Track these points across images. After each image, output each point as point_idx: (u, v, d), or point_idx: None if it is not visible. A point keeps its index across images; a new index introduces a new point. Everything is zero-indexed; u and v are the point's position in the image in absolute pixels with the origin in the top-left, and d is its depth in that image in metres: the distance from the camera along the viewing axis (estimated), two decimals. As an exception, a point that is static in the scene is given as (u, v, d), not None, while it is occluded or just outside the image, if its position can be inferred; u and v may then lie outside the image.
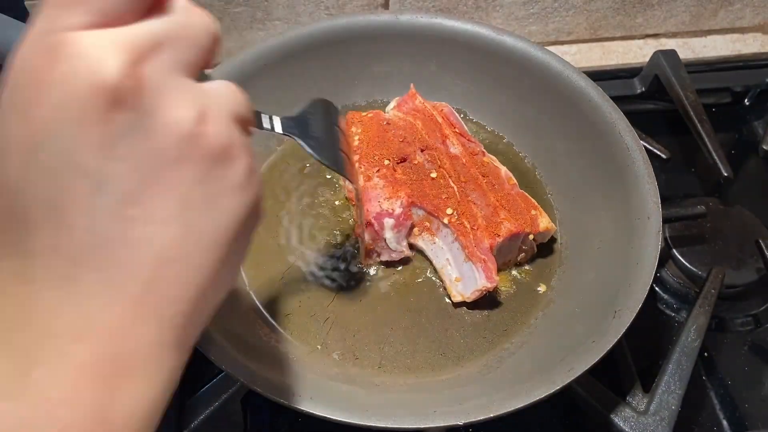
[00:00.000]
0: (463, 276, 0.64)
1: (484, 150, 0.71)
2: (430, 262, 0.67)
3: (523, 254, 0.67)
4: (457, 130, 0.71)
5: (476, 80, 0.77)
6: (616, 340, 0.53)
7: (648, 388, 0.62)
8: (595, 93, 0.69)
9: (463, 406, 0.51)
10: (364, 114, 0.72)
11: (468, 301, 0.63)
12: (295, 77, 0.75)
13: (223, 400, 0.59)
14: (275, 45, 0.72)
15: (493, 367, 0.60)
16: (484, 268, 0.61)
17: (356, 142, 0.68)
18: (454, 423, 0.50)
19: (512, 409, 0.50)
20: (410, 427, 0.49)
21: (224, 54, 0.92)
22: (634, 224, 0.61)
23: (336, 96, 0.77)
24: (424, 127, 0.70)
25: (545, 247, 0.68)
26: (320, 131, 0.50)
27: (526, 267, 0.68)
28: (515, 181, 0.69)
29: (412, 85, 0.75)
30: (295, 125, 0.47)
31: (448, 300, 0.65)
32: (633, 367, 0.63)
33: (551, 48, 0.97)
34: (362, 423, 0.49)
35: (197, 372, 0.62)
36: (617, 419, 0.59)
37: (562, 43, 0.98)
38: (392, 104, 0.75)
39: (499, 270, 0.65)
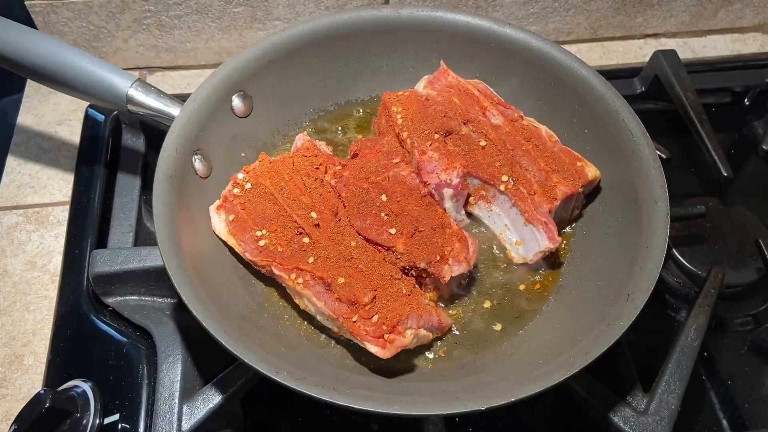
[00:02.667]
0: (523, 239, 0.65)
1: (522, 114, 0.71)
2: (488, 229, 0.69)
3: (576, 211, 0.68)
4: (495, 100, 0.72)
5: (478, 73, 0.77)
6: (630, 322, 0.53)
7: (648, 387, 0.62)
8: (597, 81, 0.69)
9: (484, 391, 0.52)
10: (400, 93, 0.72)
11: (530, 263, 0.65)
12: (298, 73, 0.75)
13: (223, 400, 0.59)
14: (278, 41, 0.72)
15: (508, 354, 0.60)
16: (546, 229, 0.62)
17: (399, 120, 0.69)
18: (476, 408, 0.49)
19: (533, 392, 0.50)
20: (432, 413, 0.49)
21: (224, 54, 0.92)
22: (642, 209, 0.62)
23: (338, 91, 0.78)
24: (462, 101, 0.70)
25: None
26: None
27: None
28: (556, 137, 0.69)
29: (442, 61, 0.74)
30: None
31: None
32: (633, 367, 0.63)
33: (551, 48, 0.98)
34: (386, 411, 0.49)
35: (197, 372, 0.62)
36: (617, 419, 0.59)
37: (562, 42, 0.98)
38: (422, 83, 0.74)
39: (566, 232, 0.66)
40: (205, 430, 0.60)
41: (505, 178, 0.65)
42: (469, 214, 0.69)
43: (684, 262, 0.73)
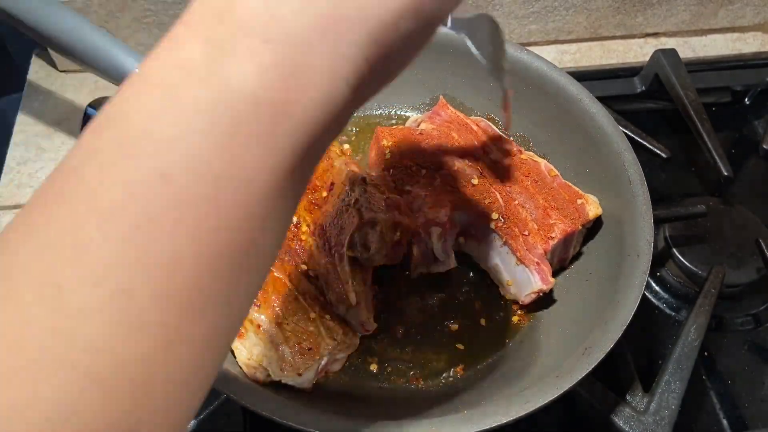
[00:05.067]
0: (515, 279, 0.64)
1: (521, 147, 0.70)
2: (478, 267, 0.68)
3: (578, 248, 0.67)
4: (495, 136, 0.70)
5: (489, 95, 0.76)
6: (580, 377, 0.52)
7: (648, 387, 0.62)
8: (606, 120, 0.68)
9: (402, 420, 0.52)
10: (393, 127, 0.71)
11: (523, 303, 0.63)
12: None
13: (223, 399, 0.59)
14: None
15: (460, 389, 0.60)
16: (538, 270, 0.61)
17: (388, 155, 0.67)
18: None
19: None
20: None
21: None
22: (624, 261, 0.60)
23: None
24: (460, 136, 0.69)
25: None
26: (488, 38, 0.48)
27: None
28: (556, 172, 0.68)
29: (441, 96, 0.74)
30: (466, 25, 0.45)
31: (436, 310, 0.65)
32: (633, 367, 0.63)
33: (551, 47, 0.98)
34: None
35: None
36: (617, 419, 0.59)
37: (562, 42, 0.98)
38: (419, 117, 0.73)
39: (555, 272, 0.64)
40: (205, 430, 0.60)
41: (495, 215, 0.63)
42: (461, 254, 0.68)
43: (684, 261, 0.73)
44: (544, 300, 0.65)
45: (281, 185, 0.27)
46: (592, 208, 0.65)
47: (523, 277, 0.63)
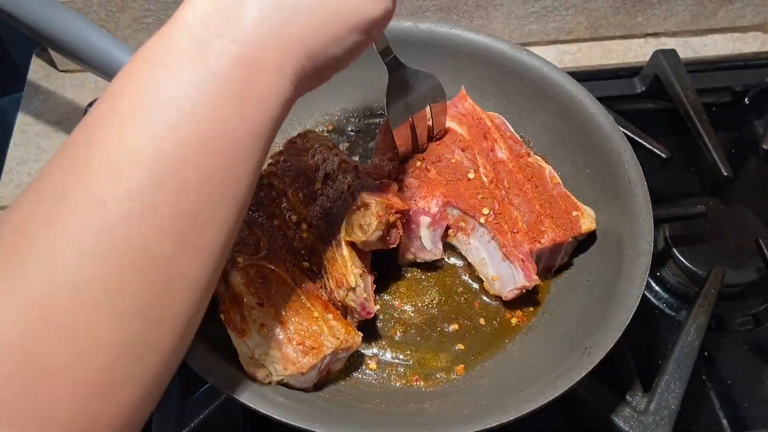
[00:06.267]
0: (500, 275, 0.64)
1: (530, 150, 0.70)
2: (466, 263, 0.68)
3: (566, 258, 0.67)
4: (507, 134, 0.70)
5: (489, 96, 0.75)
6: (580, 377, 0.52)
7: (648, 387, 0.62)
8: (606, 120, 0.68)
9: (402, 421, 0.52)
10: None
11: (505, 299, 0.64)
12: None
13: (223, 399, 0.59)
14: None
15: (460, 388, 0.60)
16: (523, 266, 0.61)
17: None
18: None
19: None
20: None
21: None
22: (624, 260, 0.60)
23: (354, 99, 0.78)
24: (469, 130, 0.69)
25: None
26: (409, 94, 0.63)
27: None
28: (558, 180, 0.68)
29: (462, 87, 0.73)
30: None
31: (435, 311, 0.65)
32: (633, 367, 0.63)
33: (551, 47, 0.98)
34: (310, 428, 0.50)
35: (197, 372, 0.62)
36: (617, 419, 0.59)
37: (563, 42, 0.98)
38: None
39: (540, 276, 0.64)
40: (205, 431, 0.60)
41: (486, 210, 0.64)
42: (448, 245, 0.68)
43: (684, 261, 0.73)
44: (544, 300, 0.66)
45: (256, 136, 0.39)
46: (586, 222, 0.65)
47: (507, 273, 0.63)
